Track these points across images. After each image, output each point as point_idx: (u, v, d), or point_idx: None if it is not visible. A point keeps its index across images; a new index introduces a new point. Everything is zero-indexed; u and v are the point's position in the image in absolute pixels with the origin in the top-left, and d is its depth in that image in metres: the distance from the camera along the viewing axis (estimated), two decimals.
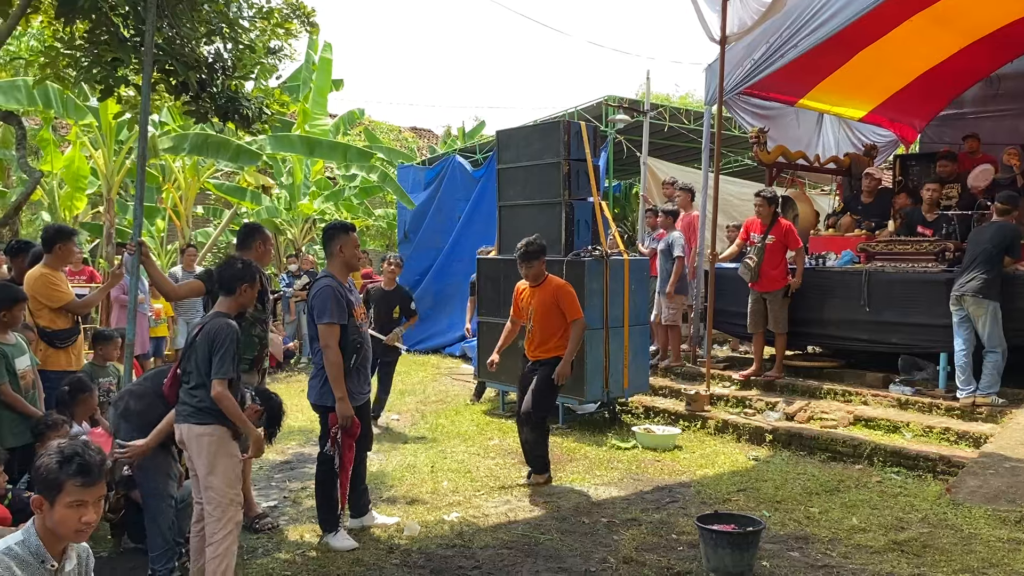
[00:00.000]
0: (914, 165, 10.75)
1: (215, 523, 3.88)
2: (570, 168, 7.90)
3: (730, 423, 7.70)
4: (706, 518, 4.55)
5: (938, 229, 8.29)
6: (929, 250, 8.05)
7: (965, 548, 4.81)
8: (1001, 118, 11.46)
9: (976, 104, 11.88)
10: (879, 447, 6.74)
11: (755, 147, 9.41)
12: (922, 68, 10.59)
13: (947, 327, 7.44)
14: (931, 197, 8.51)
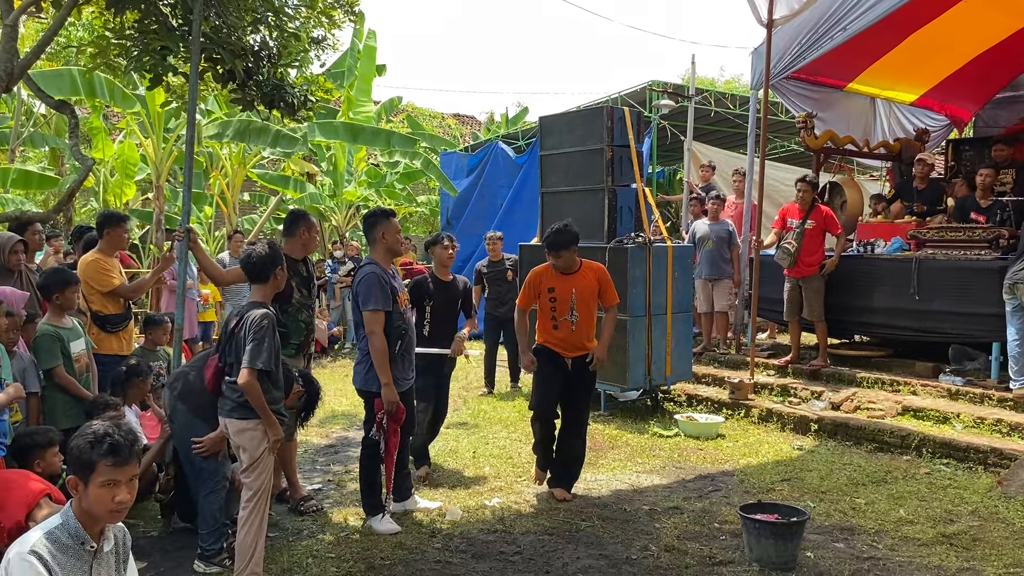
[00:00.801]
0: (967, 150, 10.46)
1: (248, 510, 3.98)
2: (613, 154, 7.84)
3: (774, 412, 7.61)
4: (749, 507, 4.52)
5: (992, 216, 8.07)
6: (982, 237, 7.85)
7: (1017, 542, 4.70)
8: None
9: None
10: (928, 438, 6.61)
11: (802, 132, 9.25)
12: (976, 50, 10.28)
13: (1000, 316, 7.25)
14: (985, 182, 8.28)
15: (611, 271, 7.54)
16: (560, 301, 5.45)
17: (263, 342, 3.91)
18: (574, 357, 5.51)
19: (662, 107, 11.24)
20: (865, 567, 4.33)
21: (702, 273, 9.32)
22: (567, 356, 5.50)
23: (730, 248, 9.39)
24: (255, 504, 3.97)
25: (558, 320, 5.46)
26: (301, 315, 5.19)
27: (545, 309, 5.52)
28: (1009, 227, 7.87)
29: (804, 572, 4.26)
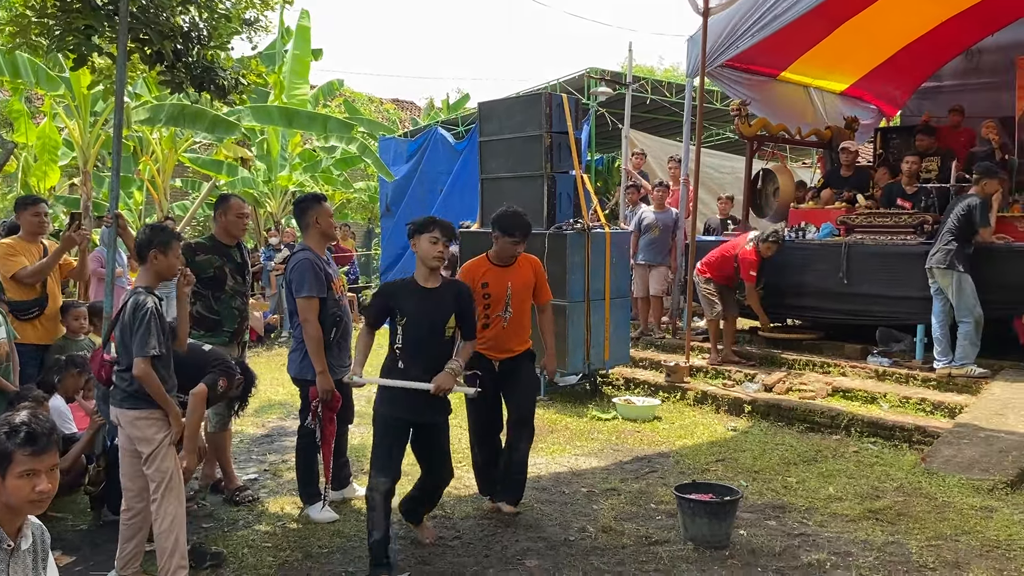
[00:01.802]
0: (895, 138, 10.80)
1: (159, 501, 3.82)
2: (552, 141, 7.85)
3: (709, 394, 7.77)
4: (684, 488, 4.60)
5: (917, 202, 8.35)
6: (908, 223, 8.11)
7: (939, 516, 4.89)
8: (980, 91, 11.50)
9: (956, 77, 11.91)
10: (856, 417, 6.82)
11: (736, 120, 9.41)
12: (903, 41, 10.60)
13: (924, 299, 7.52)
14: (910, 170, 8.55)
15: (550, 257, 7.63)
16: (494, 298, 4.85)
17: (150, 328, 3.76)
18: (503, 359, 4.91)
19: (600, 94, 11.31)
20: (796, 543, 4.45)
21: (641, 259, 9.43)
22: (496, 359, 4.90)
23: (672, 235, 9.53)
24: (163, 495, 3.80)
25: (490, 318, 4.84)
26: (235, 302, 5.10)
27: (477, 307, 4.72)
28: (933, 213, 8.15)
29: (737, 550, 4.36)
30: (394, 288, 4.32)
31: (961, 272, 7.06)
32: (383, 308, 4.27)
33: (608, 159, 16.37)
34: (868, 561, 4.21)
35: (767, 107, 10.46)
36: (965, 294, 7.05)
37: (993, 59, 11.29)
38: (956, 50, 11.47)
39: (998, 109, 10.83)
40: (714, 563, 4.19)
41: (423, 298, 4.16)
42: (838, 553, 4.31)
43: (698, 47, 8.71)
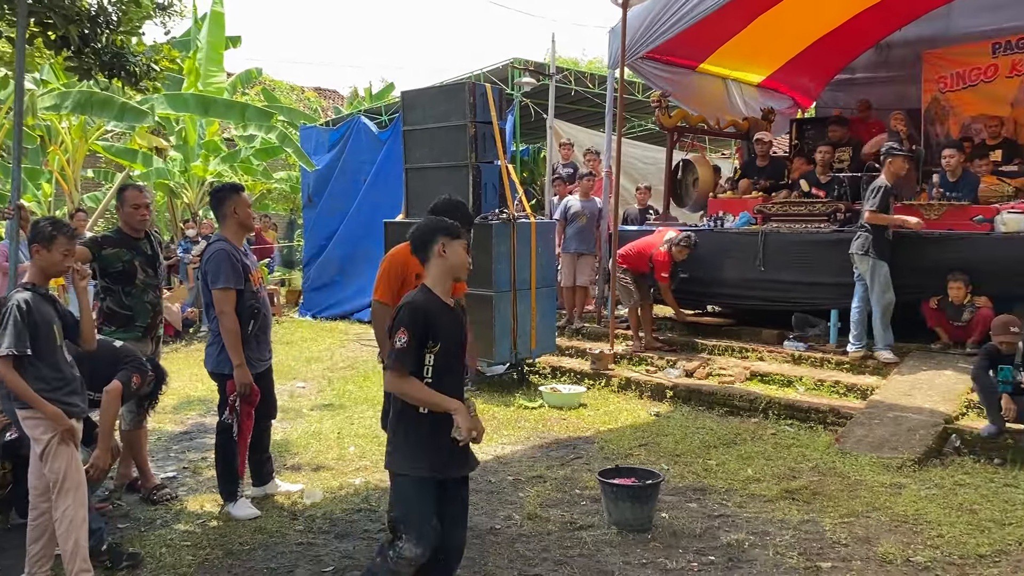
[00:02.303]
0: (809, 129, 11.12)
1: (54, 502, 3.71)
2: (476, 130, 7.84)
3: (633, 380, 7.89)
4: (607, 473, 4.66)
5: (830, 191, 8.61)
6: (821, 211, 8.37)
7: (851, 494, 5.07)
8: (889, 84, 11.94)
9: (867, 70, 12.33)
10: (774, 400, 7.02)
11: (657, 111, 9.55)
12: (817, 34, 10.91)
13: (837, 285, 7.79)
14: (823, 159, 8.82)
15: (476, 248, 7.58)
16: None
17: (6, 326, 3.61)
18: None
19: (524, 85, 11.33)
20: (716, 524, 4.56)
21: (570, 248, 9.49)
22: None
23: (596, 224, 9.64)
24: (57, 495, 3.68)
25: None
26: (146, 296, 4.95)
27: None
28: (845, 201, 8.43)
29: (659, 532, 4.44)
30: (426, 307, 3.26)
31: (875, 259, 7.29)
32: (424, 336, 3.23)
33: (534, 150, 16.44)
34: (785, 539, 4.35)
35: (687, 98, 10.65)
36: (877, 281, 7.30)
37: (902, 53, 11.74)
38: (867, 44, 11.87)
39: (906, 101, 11.26)
40: (637, 546, 4.27)
41: (452, 319, 3.37)
42: (756, 532, 4.44)
43: (618, 39, 8.80)
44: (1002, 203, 7.75)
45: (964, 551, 4.20)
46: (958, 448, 6.02)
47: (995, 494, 5.11)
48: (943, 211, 7.66)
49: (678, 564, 4.04)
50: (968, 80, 10.70)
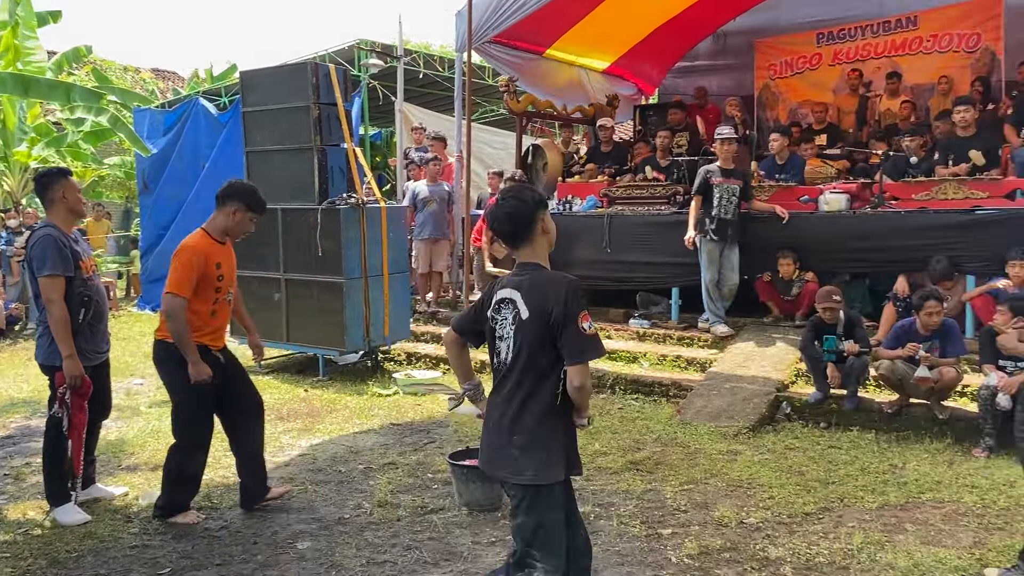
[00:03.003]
0: (651, 115, 11.49)
1: None
2: (320, 112, 7.63)
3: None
4: (457, 455, 4.67)
5: (670, 174, 8.93)
6: (662, 194, 8.67)
7: (691, 462, 5.31)
8: (726, 71, 12.56)
9: (706, 58, 12.90)
10: (620, 376, 7.25)
11: (505, 96, 9.61)
12: (657, 22, 11.28)
13: (677, 264, 8.13)
14: (663, 144, 9.14)
15: (323, 234, 7.46)
16: (227, 279, 4.45)
17: None
18: (223, 348, 4.54)
19: (371, 66, 11.12)
20: None
21: (424, 234, 9.40)
22: (218, 349, 4.47)
23: (448, 209, 9.61)
24: None
25: (219, 302, 4.42)
26: None
27: (209, 292, 4.34)
28: (684, 184, 8.76)
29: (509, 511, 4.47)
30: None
31: (702, 237, 7.68)
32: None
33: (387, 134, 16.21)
34: (629, 509, 4.49)
35: (538, 83, 10.78)
36: (700, 259, 7.70)
37: (737, 42, 12.34)
38: (705, 32, 12.40)
39: (742, 88, 11.89)
40: (487, 525, 4.30)
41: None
42: (602, 504, 4.56)
43: (465, 22, 8.78)
44: (825, 184, 8.29)
45: (792, 511, 4.47)
46: (788, 414, 6.43)
47: (821, 456, 5.48)
48: (772, 192, 8.10)
49: None
50: (795, 68, 11.39)
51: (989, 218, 6.93)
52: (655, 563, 3.83)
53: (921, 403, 6.05)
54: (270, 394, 7.27)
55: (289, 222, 7.74)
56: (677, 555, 3.91)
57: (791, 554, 3.91)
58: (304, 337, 7.86)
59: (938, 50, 10.50)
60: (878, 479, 5.00)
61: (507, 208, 2.94)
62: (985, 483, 4.88)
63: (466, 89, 8.73)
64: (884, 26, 10.82)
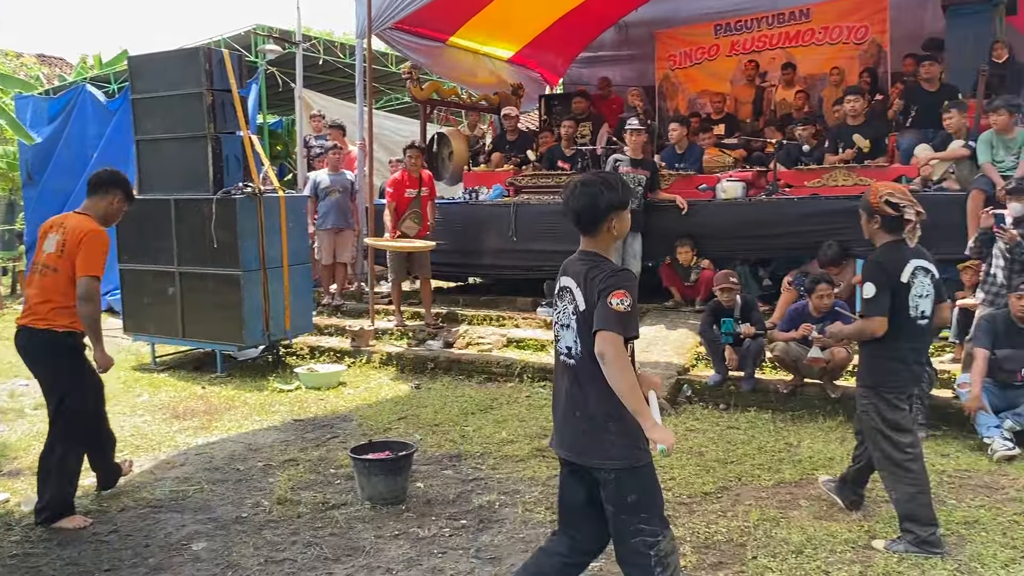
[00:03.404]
0: (556, 104, 11.58)
1: None
2: (214, 99, 7.35)
3: (394, 355, 7.84)
4: (360, 449, 4.58)
5: (575, 163, 9.00)
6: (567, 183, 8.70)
7: None
8: (629, 62, 12.73)
9: (609, 48, 13.05)
10: (528, 365, 7.26)
11: (408, 83, 9.48)
12: (561, 11, 11.33)
13: None
14: (567, 133, 9.20)
15: (219, 224, 7.20)
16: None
17: None
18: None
19: (268, 52, 10.81)
20: (469, 488, 4.63)
21: (327, 224, 9.20)
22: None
23: (351, 198, 9.44)
24: None
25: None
26: None
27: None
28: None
29: (414, 502, 4.43)
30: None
31: None
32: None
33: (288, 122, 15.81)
34: (533, 496, 4.49)
35: (444, 71, 10.69)
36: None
37: (639, 32, 12.52)
38: (608, 22, 12.53)
39: (644, 79, 12.07)
40: (390, 518, 4.23)
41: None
42: (507, 492, 4.55)
43: (365, 7, 8.61)
44: (723, 172, 8.49)
45: (692, 490, 4.55)
46: (690, 397, 6.56)
47: (720, 436, 5.61)
48: (672, 181, 8.24)
49: (431, 532, 4.05)
50: (694, 59, 11.62)
51: None
52: None
53: (815, 383, 6.26)
54: (165, 392, 7.02)
55: (183, 213, 7.44)
56: None
57: (691, 533, 3.98)
58: (201, 332, 7.58)
59: (829, 42, 10.88)
60: (774, 457, 5.14)
61: (578, 204, 2.94)
62: None
63: (367, 76, 8.56)
64: (778, 18, 11.15)
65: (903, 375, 3.82)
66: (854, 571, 3.56)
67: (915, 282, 3.79)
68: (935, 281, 3.88)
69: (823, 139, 8.51)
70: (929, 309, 3.85)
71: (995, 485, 4.63)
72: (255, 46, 11.16)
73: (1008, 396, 5.39)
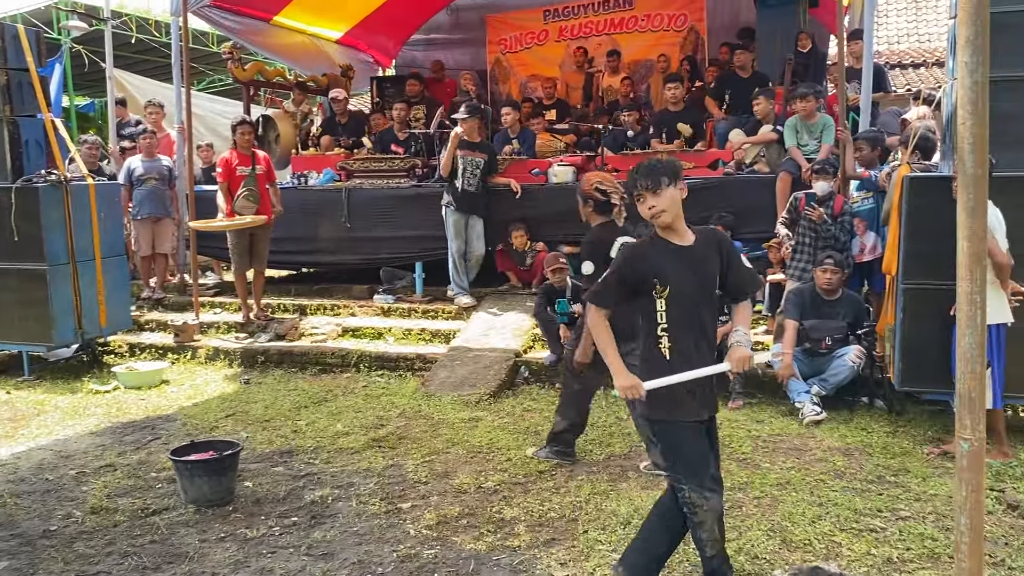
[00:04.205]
0: (389, 87, 11.39)
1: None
2: (9, 79, 6.71)
3: (222, 350, 7.49)
4: (181, 450, 4.33)
5: (408, 147, 8.90)
6: (401, 167, 8.62)
7: (434, 433, 5.33)
8: (461, 45, 12.71)
9: (442, 31, 12.97)
10: (365, 354, 7.14)
11: (229, 63, 9.04)
12: None
13: (419, 238, 8.15)
14: (399, 116, 9.07)
15: (20, 215, 6.59)
16: None
17: None
18: None
19: (72, 29, 9.99)
20: (301, 484, 4.49)
21: (143, 213, 8.64)
22: None
23: (170, 185, 8.92)
24: None
25: None
26: None
27: None
28: (422, 157, 8.77)
29: (242, 503, 4.25)
30: (647, 250, 3.13)
31: (448, 208, 7.76)
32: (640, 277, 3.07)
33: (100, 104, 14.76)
34: (369, 488, 4.42)
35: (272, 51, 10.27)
36: (448, 231, 7.78)
37: (470, 16, 12.50)
38: (439, 5, 12.42)
39: (476, 63, 12.08)
40: (216, 521, 4.03)
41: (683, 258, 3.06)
42: (341, 486, 4.45)
43: None
44: (554, 157, 8.64)
45: (528, 470, 4.62)
46: (527, 378, 6.67)
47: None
48: (506, 165, 8.31)
49: (259, 532, 3.89)
50: (524, 43, 11.76)
51: (695, 186, 7.56)
52: (394, 538, 3.79)
53: None
54: None
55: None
56: (416, 527, 3.90)
57: (525, 512, 4.04)
58: (4, 333, 6.93)
59: (652, 29, 11.28)
60: (606, 432, 5.31)
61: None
62: None
63: (184, 56, 8.08)
64: (604, 5, 11.44)
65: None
66: None
67: None
68: None
69: (647, 125, 8.83)
70: None
71: (804, 447, 4.98)
72: (57, 22, 10.29)
73: (815, 363, 5.82)
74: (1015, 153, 4.64)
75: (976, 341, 2.38)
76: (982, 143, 2.35)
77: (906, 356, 5.08)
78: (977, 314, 2.37)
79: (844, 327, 5.82)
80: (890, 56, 17.63)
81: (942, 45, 16.70)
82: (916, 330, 5.02)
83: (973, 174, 2.36)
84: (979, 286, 2.37)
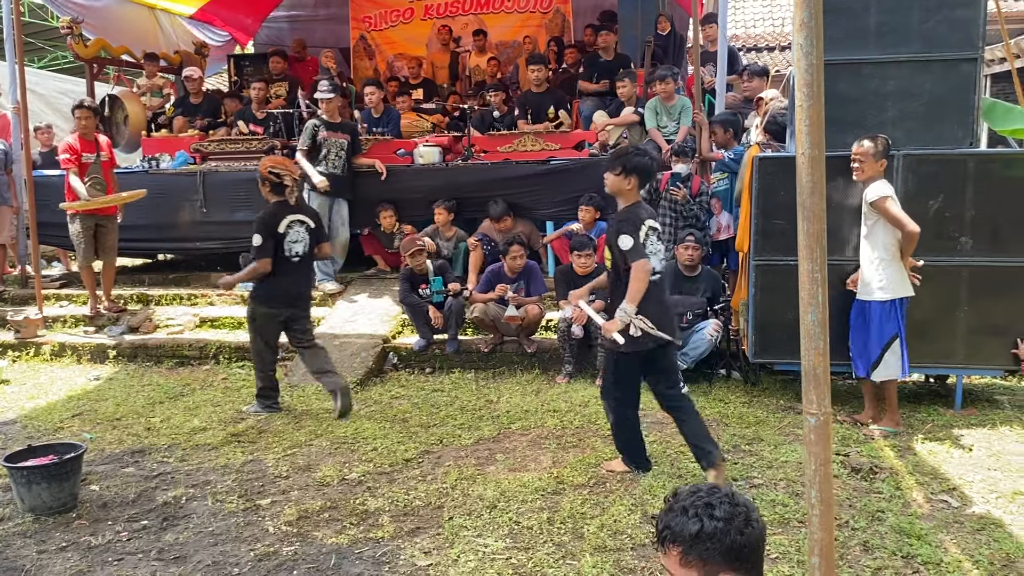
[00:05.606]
0: (248, 66, 10.92)
1: None
2: None
3: (69, 345, 7.03)
4: (16, 456, 4.01)
5: (267, 127, 8.55)
6: (259, 148, 8.28)
7: (296, 426, 5.17)
8: (325, 22, 12.33)
9: (305, 8, 12.54)
10: (225, 345, 6.86)
11: (69, 40, 8.42)
12: None
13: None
14: (258, 96, 8.71)
15: None
16: None
17: None
18: None
19: None
20: (153, 485, 4.25)
21: None
22: None
23: (6, 170, 8.26)
24: None
25: None
26: None
27: None
28: (281, 138, 8.45)
29: (87, 508, 3.98)
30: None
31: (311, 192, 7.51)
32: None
33: None
34: (227, 485, 4.23)
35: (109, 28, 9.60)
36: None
37: None
38: None
39: (340, 40, 11.75)
40: (57, 529, 3.76)
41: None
42: (197, 484, 4.24)
43: None
44: (421, 137, 8.51)
45: (394, 459, 4.54)
46: (396, 364, 6.57)
47: (424, 401, 5.67)
48: (370, 145, 8.12)
49: (105, 539, 3.65)
50: (389, 21, 11.54)
51: (561, 167, 7.63)
52: (251, 537, 3.64)
53: (513, 340, 6.53)
54: None
55: None
56: (275, 524, 3.76)
57: (390, 503, 3.96)
58: None
59: (518, 10, 11.26)
60: (475, 416, 5.29)
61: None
62: (564, 406, 5.40)
63: (16, 30, 7.46)
64: None
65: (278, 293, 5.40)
66: (543, 517, 3.73)
67: (290, 232, 5.29)
68: (309, 230, 5.38)
69: (513, 106, 8.82)
70: (303, 251, 5.35)
71: (666, 420, 5.06)
72: None
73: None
74: (854, 135, 4.87)
75: (819, 318, 2.44)
76: (818, 124, 2.42)
77: (759, 329, 5.30)
78: (819, 292, 2.44)
79: (704, 302, 6.00)
80: (746, 40, 18.33)
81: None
82: (767, 304, 5.24)
83: (811, 155, 2.43)
84: (819, 264, 2.43)
